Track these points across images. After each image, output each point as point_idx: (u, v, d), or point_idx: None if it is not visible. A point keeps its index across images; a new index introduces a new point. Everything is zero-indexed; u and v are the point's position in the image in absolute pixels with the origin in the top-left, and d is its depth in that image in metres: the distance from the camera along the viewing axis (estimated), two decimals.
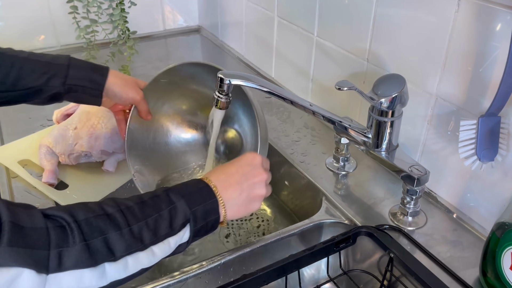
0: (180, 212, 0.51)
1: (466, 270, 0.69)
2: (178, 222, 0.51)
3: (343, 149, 0.90)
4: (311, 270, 0.81)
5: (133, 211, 0.48)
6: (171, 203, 0.51)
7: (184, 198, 0.52)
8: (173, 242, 0.51)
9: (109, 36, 1.31)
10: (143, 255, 0.48)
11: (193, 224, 0.52)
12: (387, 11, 0.82)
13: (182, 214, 0.51)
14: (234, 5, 1.37)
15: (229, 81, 0.71)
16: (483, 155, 0.66)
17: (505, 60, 0.59)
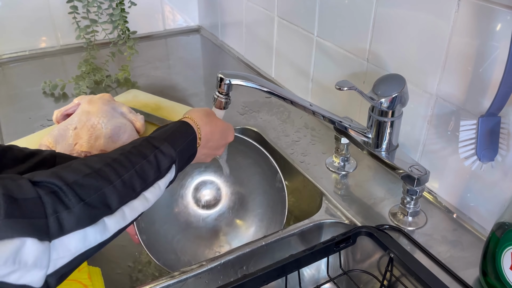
0: (166, 154, 0.53)
1: (466, 270, 0.69)
2: (165, 166, 0.53)
3: (343, 149, 0.90)
4: (311, 270, 0.81)
5: (121, 162, 0.49)
6: (156, 147, 0.53)
7: (167, 141, 0.55)
8: (163, 184, 0.53)
9: (109, 36, 1.31)
10: (137, 203, 0.49)
11: (178, 164, 0.56)
12: (387, 11, 0.82)
13: (168, 156, 0.53)
14: (234, 5, 1.37)
15: (229, 81, 0.71)
16: (483, 155, 0.66)
17: (505, 60, 0.59)
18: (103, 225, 0.45)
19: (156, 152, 0.53)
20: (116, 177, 0.47)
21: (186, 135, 0.61)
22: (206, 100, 1.18)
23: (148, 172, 0.51)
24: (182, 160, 0.58)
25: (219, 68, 0.98)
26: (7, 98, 1.18)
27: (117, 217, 0.47)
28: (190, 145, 0.61)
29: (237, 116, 1.10)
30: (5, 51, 1.39)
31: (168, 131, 0.58)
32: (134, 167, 0.50)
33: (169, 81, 1.29)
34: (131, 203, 0.48)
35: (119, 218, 0.47)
